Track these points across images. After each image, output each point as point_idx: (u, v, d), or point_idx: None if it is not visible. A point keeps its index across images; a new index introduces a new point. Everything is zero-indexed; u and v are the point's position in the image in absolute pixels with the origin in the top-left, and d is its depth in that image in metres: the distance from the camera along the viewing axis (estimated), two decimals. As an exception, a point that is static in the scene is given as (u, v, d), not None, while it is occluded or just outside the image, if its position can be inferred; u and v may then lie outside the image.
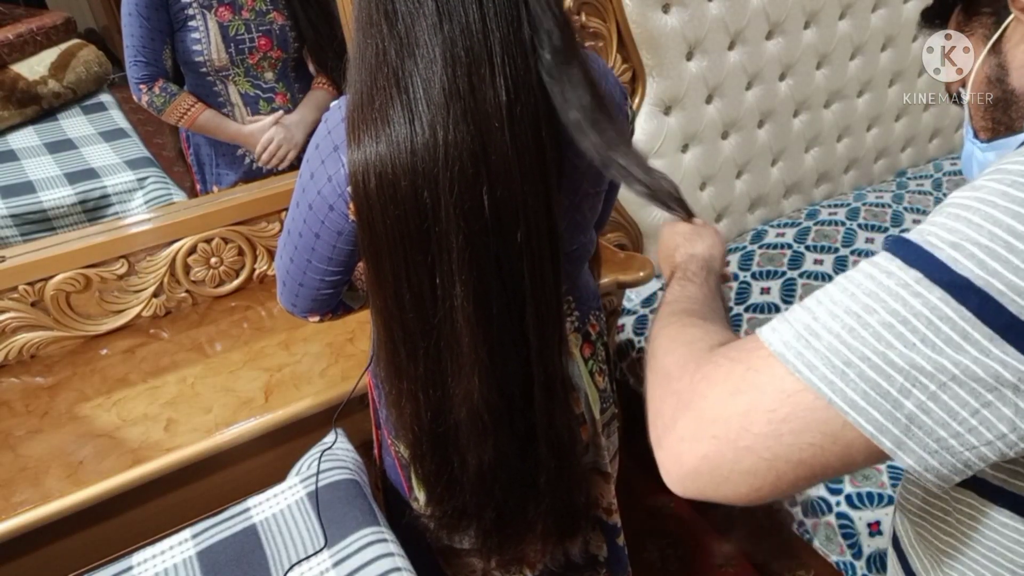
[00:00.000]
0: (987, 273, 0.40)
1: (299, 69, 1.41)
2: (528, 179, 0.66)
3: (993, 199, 0.42)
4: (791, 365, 0.44)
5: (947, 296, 0.41)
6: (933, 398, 0.41)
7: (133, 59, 1.25)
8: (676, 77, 1.59)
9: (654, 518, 1.75)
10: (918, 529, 0.61)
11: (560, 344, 0.77)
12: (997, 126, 0.61)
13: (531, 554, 0.94)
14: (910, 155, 2.27)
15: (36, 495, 0.95)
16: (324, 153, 0.72)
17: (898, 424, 0.42)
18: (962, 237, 0.41)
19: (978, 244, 0.41)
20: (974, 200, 0.42)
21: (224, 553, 0.88)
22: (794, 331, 0.45)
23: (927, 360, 0.41)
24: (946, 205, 0.44)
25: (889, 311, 0.42)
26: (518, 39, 0.63)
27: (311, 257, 0.78)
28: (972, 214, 0.42)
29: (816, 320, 0.44)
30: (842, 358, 0.42)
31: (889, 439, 0.42)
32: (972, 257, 0.41)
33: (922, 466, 0.42)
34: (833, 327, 0.43)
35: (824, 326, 0.44)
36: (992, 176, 0.43)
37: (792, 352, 0.44)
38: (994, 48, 0.59)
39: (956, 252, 0.41)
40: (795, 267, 1.73)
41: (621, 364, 1.68)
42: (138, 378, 1.16)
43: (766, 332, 0.47)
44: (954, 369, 0.40)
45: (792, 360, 0.44)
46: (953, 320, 0.40)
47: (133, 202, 1.32)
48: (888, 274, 0.43)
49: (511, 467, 0.81)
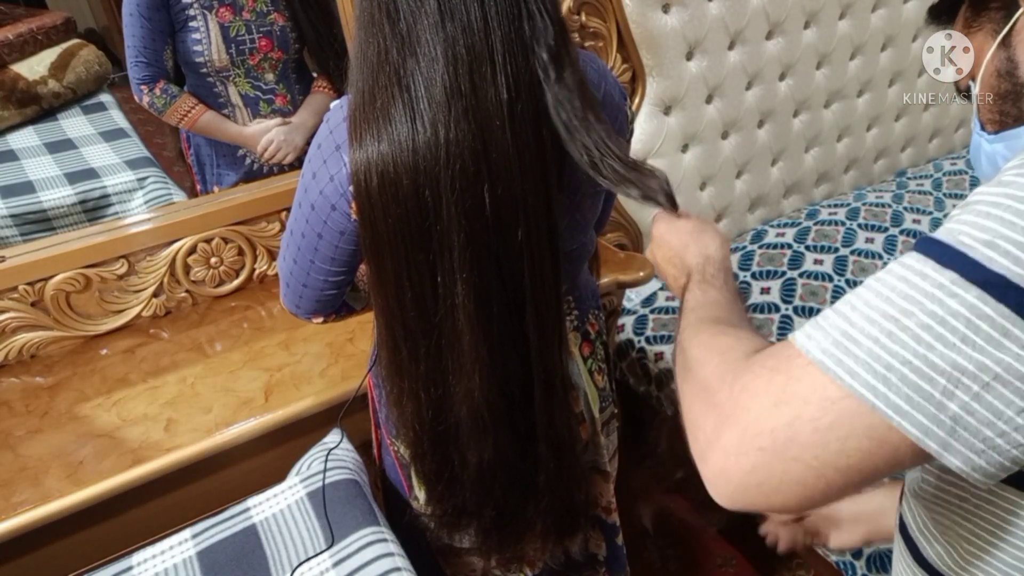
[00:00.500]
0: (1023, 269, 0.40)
1: (300, 70, 1.41)
2: (528, 178, 0.66)
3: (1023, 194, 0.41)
4: (832, 373, 0.44)
5: (984, 295, 0.40)
6: (977, 398, 0.41)
7: (134, 60, 1.25)
8: (676, 77, 1.59)
9: (654, 518, 1.75)
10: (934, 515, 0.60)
11: (560, 343, 0.78)
12: (1005, 118, 0.61)
13: (531, 553, 0.94)
14: (910, 155, 2.27)
15: (36, 495, 0.95)
16: (326, 153, 0.72)
17: (943, 426, 0.41)
18: (995, 235, 0.41)
19: (1012, 241, 0.40)
20: (1003, 197, 0.42)
21: (224, 553, 0.88)
22: (832, 338, 0.45)
23: (969, 360, 0.40)
24: (973, 203, 0.44)
25: (927, 313, 0.42)
26: (519, 37, 0.63)
27: (314, 258, 0.78)
28: (1003, 211, 0.41)
29: (853, 326, 0.44)
30: (883, 363, 0.42)
31: (935, 441, 0.42)
32: (1007, 255, 0.40)
33: (969, 466, 0.42)
34: (871, 332, 0.43)
35: (862, 331, 0.44)
36: (1018, 171, 0.43)
37: (832, 359, 0.44)
38: (1004, 42, 0.59)
39: (990, 250, 0.41)
40: (795, 267, 1.73)
41: (621, 364, 1.68)
42: (138, 378, 1.16)
43: (802, 339, 0.46)
44: (996, 368, 0.40)
45: (833, 368, 0.44)
46: (992, 318, 0.40)
47: (133, 202, 1.32)
48: (923, 276, 0.43)
49: (511, 466, 0.81)
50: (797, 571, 1.61)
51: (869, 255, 1.75)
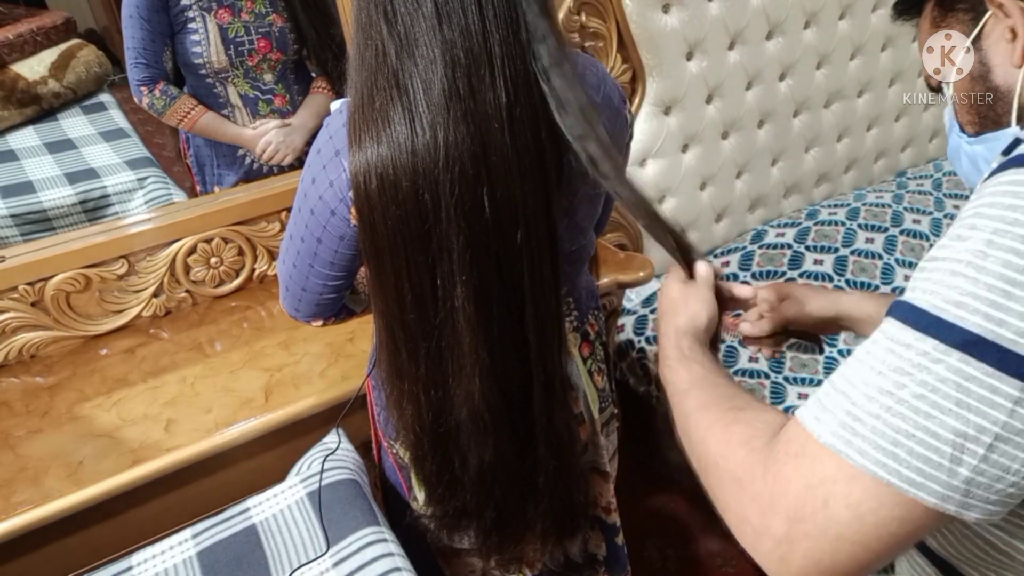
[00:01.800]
0: (994, 324, 0.41)
1: (299, 71, 1.41)
2: (528, 180, 0.66)
3: (982, 249, 0.43)
4: (843, 454, 0.45)
5: (966, 356, 0.42)
6: (984, 460, 0.42)
7: (134, 61, 1.25)
8: (676, 77, 1.59)
9: (654, 518, 1.75)
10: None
11: (559, 344, 0.78)
12: (984, 121, 0.61)
13: (530, 553, 0.94)
14: (910, 155, 2.27)
15: (36, 495, 0.95)
16: (325, 158, 0.72)
17: (958, 491, 0.43)
18: (962, 292, 0.43)
19: (979, 297, 0.42)
20: (964, 252, 0.44)
21: (224, 553, 0.88)
22: (837, 419, 0.46)
23: (967, 424, 0.42)
24: (940, 259, 0.46)
25: (918, 383, 0.43)
26: (517, 40, 0.63)
27: (313, 262, 0.78)
28: (965, 268, 0.43)
29: (855, 404, 0.46)
30: (889, 439, 0.44)
31: (953, 504, 0.43)
32: (977, 312, 0.42)
33: (986, 515, 0.44)
34: (872, 409, 0.45)
35: (863, 410, 0.45)
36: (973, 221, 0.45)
37: (842, 441, 0.46)
38: (974, 45, 0.59)
39: (960, 310, 0.43)
40: (795, 267, 1.73)
41: (621, 364, 1.68)
42: (138, 378, 1.16)
43: (811, 423, 0.48)
44: (994, 428, 0.42)
45: (843, 449, 0.45)
46: (979, 379, 0.42)
47: (133, 202, 1.32)
48: (907, 346, 0.45)
49: (511, 467, 0.81)
50: (797, 571, 1.61)
51: (869, 255, 1.75)
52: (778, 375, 1.49)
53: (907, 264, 1.74)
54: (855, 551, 0.46)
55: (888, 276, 1.70)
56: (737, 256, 1.81)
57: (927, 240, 1.82)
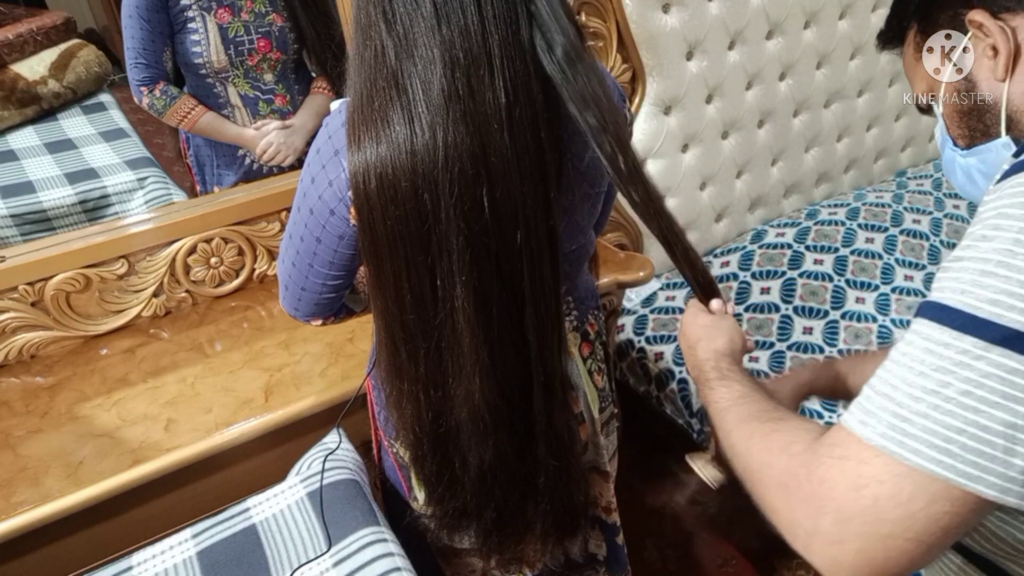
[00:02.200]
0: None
1: (299, 70, 1.41)
2: (527, 180, 0.66)
3: (1010, 248, 0.45)
4: (897, 455, 0.47)
5: (1007, 351, 0.44)
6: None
7: (134, 61, 1.25)
8: (676, 77, 1.59)
9: (654, 518, 1.75)
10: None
11: (559, 344, 0.78)
12: (974, 133, 0.64)
13: (531, 553, 0.94)
14: (910, 155, 2.27)
15: (36, 495, 0.95)
16: (325, 158, 0.72)
17: (1015, 481, 0.44)
18: (995, 291, 0.45)
19: (1013, 295, 0.44)
20: (992, 252, 0.46)
21: (224, 553, 0.88)
22: (885, 421, 0.48)
23: (1015, 415, 0.43)
24: (966, 259, 0.47)
25: (962, 380, 0.45)
26: (517, 41, 0.63)
27: (313, 262, 0.78)
28: (996, 267, 0.45)
29: (900, 406, 0.47)
30: (941, 436, 0.45)
31: (1015, 496, 0.45)
32: (1013, 308, 0.44)
33: None
34: (920, 409, 0.46)
35: (911, 410, 0.47)
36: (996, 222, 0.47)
37: (893, 442, 0.47)
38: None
39: (996, 308, 0.44)
40: (795, 267, 1.73)
41: (621, 364, 1.68)
42: (138, 378, 1.16)
43: (857, 427, 0.49)
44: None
45: (896, 450, 0.47)
46: (1021, 371, 0.43)
47: (133, 202, 1.32)
48: (945, 345, 0.46)
49: (511, 467, 0.81)
50: (797, 571, 1.61)
51: (869, 255, 1.75)
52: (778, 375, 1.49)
53: (907, 264, 1.74)
54: (907, 547, 0.47)
55: (888, 276, 1.70)
56: (737, 256, 1.81)
57: (927, 240, 1.82)
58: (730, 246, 1.88)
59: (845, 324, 1.58)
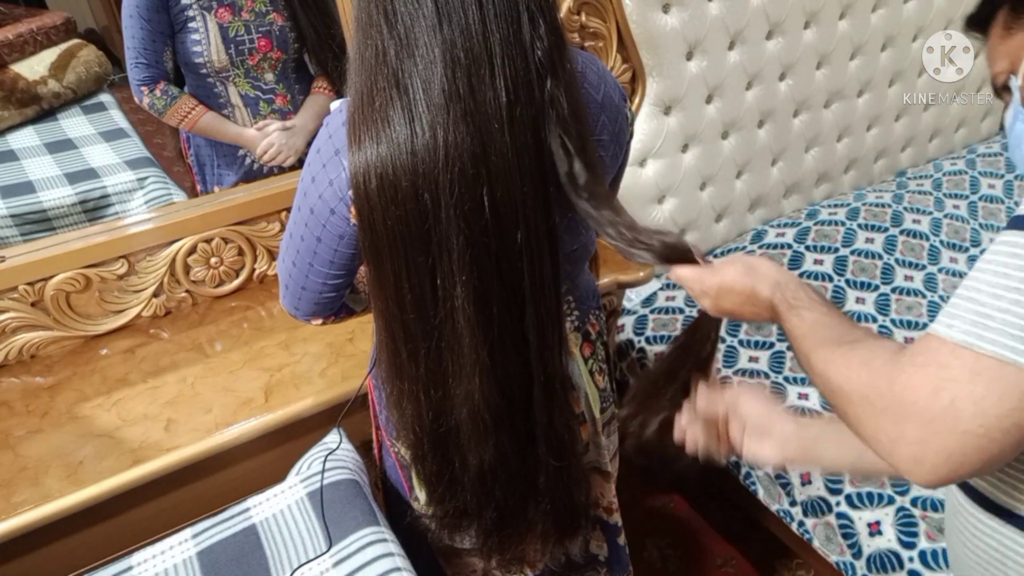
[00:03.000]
0: None
1: (299, 70, 1.41)
2: (528, 180, 0.66)
3: None
4: (976, 347, 0.50)
5: None
6: None
7: (134, 61, 1.25)
8: (676, 77, 1.59)
9: (654, 518, 1.75)
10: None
11: (560, 344, 0.78)
12: None
13: (531, 553, 0.94)
14: (910, 155, 2.27)
15: (36, 495, 0.95)
16: (325, 157, 0.72)
17: None
18: None
19: None
20: None
21: (224, 553, 0.88)
22: (968, 319, 0.51)
23: None
24: None
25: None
26: (518, 40, 0.63)
27: (313, 261, 0.78)
28: None
29: (983, 305, 0.51)
30: (1018, 327, 0.49)
31: None
32: None
33: None
34: (1001, 305, 0.50)
35: (992, 307, 0.50)
36: None
37: (974, 336, 0.50)
38: None
39: None
40: (795, 267, 1.73)
41: (621, 364, 1.68)
42: (138, 378, 1.16)
43: (943, 329, 0.53)
44: None
45: (976, 343, 0.50)
46: None
47: (133, 202, 1.32)
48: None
49: (512, 467, 0.81)
50: (797, 571, 1.61)
51: (869, 255, 1.75)
52: (778, 375, 1.49)
53: (907, 264, 1.74)
54: (981, 443, 0.50)
55: (888, 276, 1.70)
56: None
57: (927, 240, 1.82)
58: (730, 246, 1.88)
59: (845, 324, 1.58)
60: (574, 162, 0.68)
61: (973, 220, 1.93)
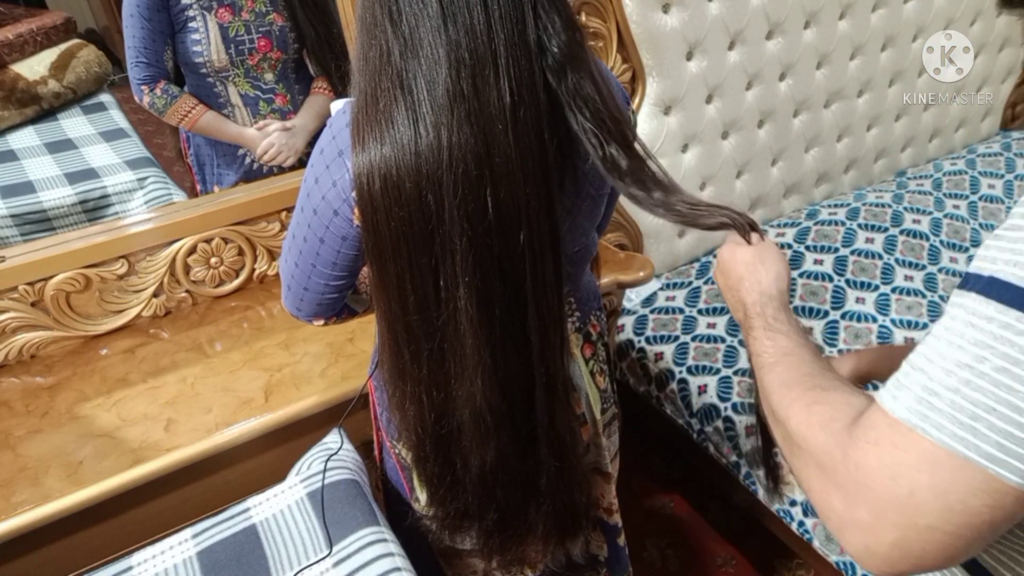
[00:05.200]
0: None
1: (299, 70, 1.41)
2: (531, 181, 0.66)
3: None
4: (920, 429, 0.44)
5: None
6: None
7: (134, 60, 1.25)
8: (676, 77, 1.59)
9: (654, 518, 1.75)
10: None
11: (562, 345, 0.77)
12: None
13: (532, 554, 0.94)
14: (910, 155, 2.27)
15: (36, 495, 0.95)
16: (328, 158, 0.72)
17: None
18: None
19: None
20: None
21: (224, 553, 0.88)
22: (914, 394, 0.45)
23: None
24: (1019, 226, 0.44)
25: (1000, 356, 0.42)
26: (523, 41, 0.63)
27: (315, 262, 0.78)
28: None
29: (932, 379, 0.44)
30: (967, 413, 0.42)
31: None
32: None
33: None
34: (950, 383, 0.43)
35: (941, 384, 0.44)
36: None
37: (917, 416, 0.44)
38: None
39: None
40: (795, 267, 1.73)
41: (621, 364, 1.68)
42: (138, 378, 1.16)
43: (888, 401, 0.47)
44: None
45: (920, 424, 0.44)
46: None
47: (133, 202, 1.32)
48: (988, 319, 0.43)
49: (513, 468, 0.81)
50: (797, 571, 1.61)
51: (869, 255, 1.75)
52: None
53: (907, 264, 1.74)
54: (947, 540, 0.44)
55: (888, 276, 1.70)
56: (737, 256, 1.81)
57: (927, 240, 1.82)
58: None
59: (845, 324, 1.58)
60: (609, 148, 0.66)
61: (973, 220, 1.93)
